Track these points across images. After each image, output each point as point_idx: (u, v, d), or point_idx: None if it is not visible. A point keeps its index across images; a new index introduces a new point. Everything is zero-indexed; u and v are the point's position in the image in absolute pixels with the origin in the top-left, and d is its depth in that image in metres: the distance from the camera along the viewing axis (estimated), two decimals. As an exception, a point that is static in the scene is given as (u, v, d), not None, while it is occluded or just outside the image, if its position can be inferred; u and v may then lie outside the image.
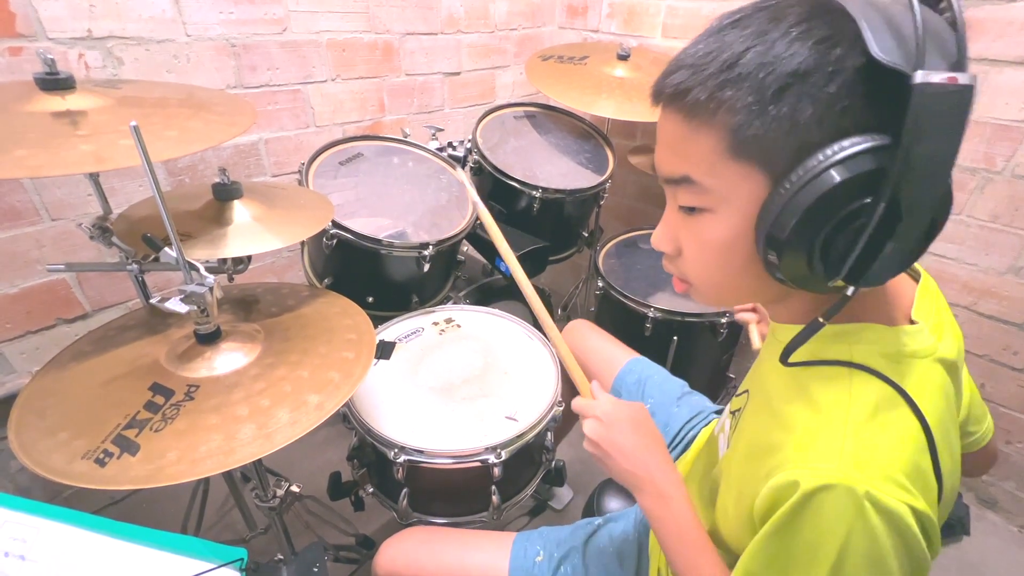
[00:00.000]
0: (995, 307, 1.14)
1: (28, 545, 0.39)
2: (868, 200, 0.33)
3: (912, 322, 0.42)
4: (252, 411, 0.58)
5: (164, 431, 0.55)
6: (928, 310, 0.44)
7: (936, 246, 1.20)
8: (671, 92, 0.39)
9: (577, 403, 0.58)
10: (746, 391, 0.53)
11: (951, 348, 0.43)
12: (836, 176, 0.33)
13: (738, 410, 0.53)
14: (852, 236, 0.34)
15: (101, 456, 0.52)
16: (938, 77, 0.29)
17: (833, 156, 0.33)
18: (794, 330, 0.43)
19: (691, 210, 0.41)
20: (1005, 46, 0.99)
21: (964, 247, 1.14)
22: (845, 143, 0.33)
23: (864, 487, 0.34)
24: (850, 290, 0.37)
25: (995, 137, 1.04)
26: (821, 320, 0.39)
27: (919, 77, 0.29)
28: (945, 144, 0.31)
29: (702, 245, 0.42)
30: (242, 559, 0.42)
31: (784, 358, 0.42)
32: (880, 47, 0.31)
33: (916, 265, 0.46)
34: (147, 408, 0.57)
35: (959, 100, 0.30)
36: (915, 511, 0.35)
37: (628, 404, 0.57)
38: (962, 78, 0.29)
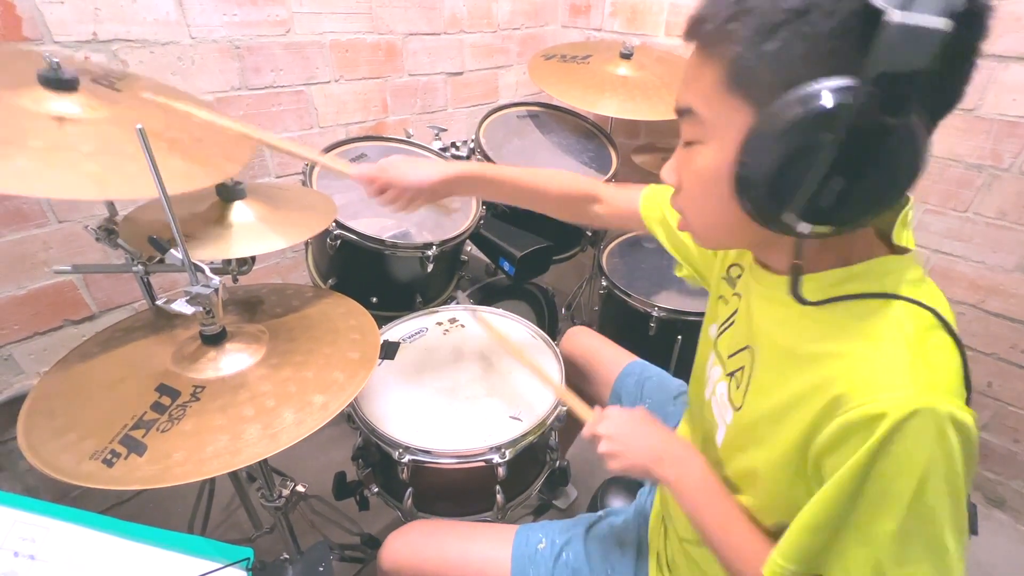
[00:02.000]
0: (1003, 305, 1.13)
1: (37, 545, 0.40)
2: (828, 136, 0.33)
3: (906, 250, 0.43)
4: (258, 411, 0.58)
5: (171, 431, 0.55)
6: (907, 237, 0.44)
7: (942, 243, 1.20)
8: (690, 23, 0.40)
9: (587, 428, 0.62)
10: (745, 347, 0.51)
11: None
12: (799, 109, 0.33)
13: (738, 370, 0.52)
14: (809, 171, 0.34)
15: (109, 456, 0.52)
16: (904, 17, 0.29)
17: (804, 92, 0.33)
18: (782, 280, 0.44)
19: (689, 144, 0.43)
20: (1012, 42, 0.98)
21: (971, 244, 1.13)
22: (823, 82, 0.33)
23: (946, 407, 0.35)
24: (805, 227, 0.37)
25: (1002, 133, 1.03)
26: (807, 233, 0.39)
27: (892, 16, 0.30)
28: (906, 87, 0.31)
29: (693, 177, 0.44)
30: (248, 558, 0.42)
31: (806, 299, 0.42)
32: None
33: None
34: (154, 409, 0.58)
35: (923, 41, 0.30)
36: (976, 421, 0.36)
37: (613, 409, 0.61)
38: (931, 21, 0.29)
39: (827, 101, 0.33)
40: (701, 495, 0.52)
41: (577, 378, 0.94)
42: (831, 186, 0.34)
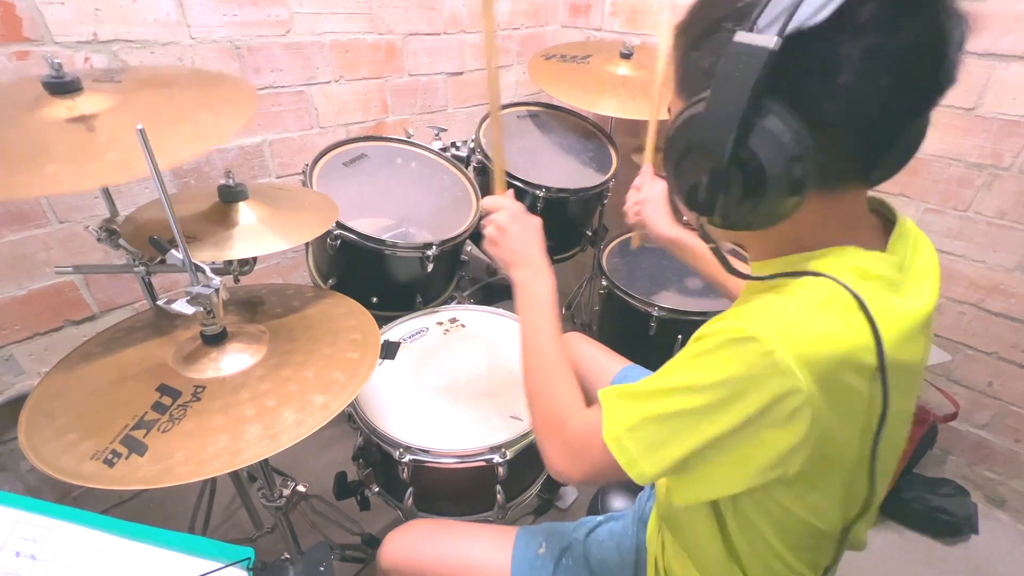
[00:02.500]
0: (1003, 304, 1.13)
1: (39, 545, 0.40)
2: (684, 144, 0.39)
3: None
4: (258, 411, 0.58)
5: (172, 431, 0.55)
6: (903, 250, 0.44)
7: (943, 243, 1.20)
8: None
9: (486, 200, 0.70)
10: None
11: (929, 296, 0.43)
12: (678, 119, 0.39)
13: None
14: (688, 171, 0.40)
15: (110, 457, 0.52)
16: (741, 36, 0.33)
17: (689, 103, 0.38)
18: (759, 267, 0.46)
19: None
20: (1013, 41, 0.98)
21: (971, 244, 1.13)
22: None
23: (778, 350, 0.35)
24: (693, 219, 0.44)
25: (1002, 133, 1.03)
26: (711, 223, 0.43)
27: (737, 36, 0.34)
28: (725, 101, 0.35)
29: None
30: (249, 558, 0.42)
31: (737, 274, 0.47)
32: (763, 17, 0.34)
33: (897, 212, 0.46)
34: (155, 409, 0.58)
35: (746, 58, 0.33)
36: (803, 393, 0.35)
37: (520, 206, 0.68)
38: (755, 39, 0.33)
39: (691, 111, 0.38)
40: (537, 311, 0.61)
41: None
42: (705, 187, 0.39)
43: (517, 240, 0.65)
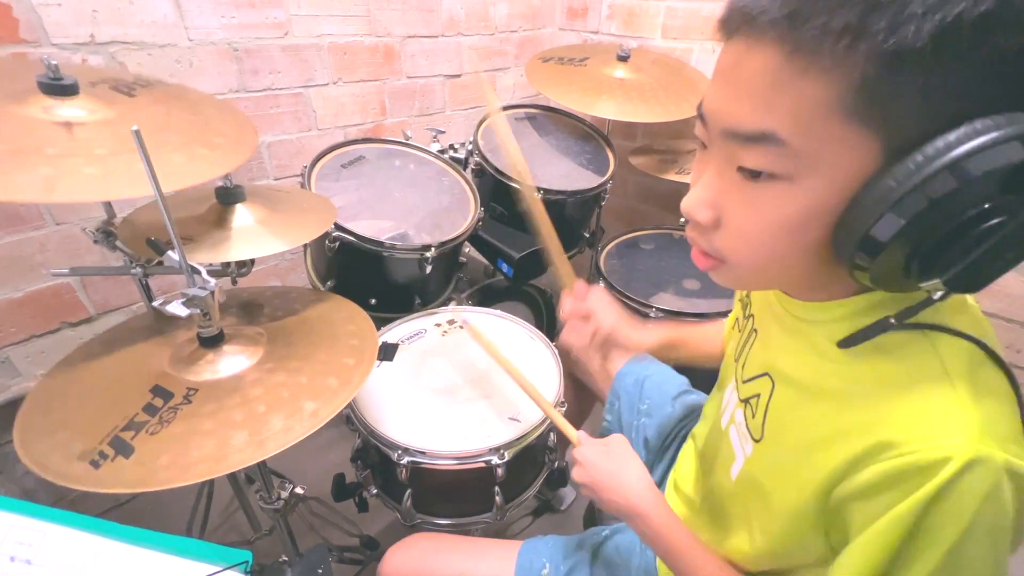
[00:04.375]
0: (1000, 305, 1.14)
1: (34, 549, 0.40)
2: (1014, 196, 0.26)
3: None
4: (247, 417, 0.57)
5: (160, 434, 0.54)
6: None
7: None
8: (780, 15, 0.28)
9: (570, 453, 0.62)
10: (763, 374, 0.47)
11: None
12: (991, 161, 0.26)
13: (754, 397, 0.47)
14: (978, 237, 0.27)
15: (96, 458, 0.51)
16: None
17: (990, 132, 0.26)
18: (831, 308, 0.39)
19: (756, 174, 0.33)
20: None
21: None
22: (1012, 117, 0.26)
23: (1002, 456, 0.30)
24: (938, 293, 0.32)
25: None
26: (893, 321, 0.34)
27: None
28: None
29: (761, 219, 0.34)
30: (247, 561, 0.42)
31: (845, 345, 0.37)
32: None
33: None
34: (145, 410, 0.57)
35: None
36: None
37: (605, 441, 0.61)
38: None
39: (1018, 151, 0.26)
40: (665, 553, 0.53)
41: (577, 368, 0.93)
42: (997, 253, 0.28)
43: (604, 487, 0.56)
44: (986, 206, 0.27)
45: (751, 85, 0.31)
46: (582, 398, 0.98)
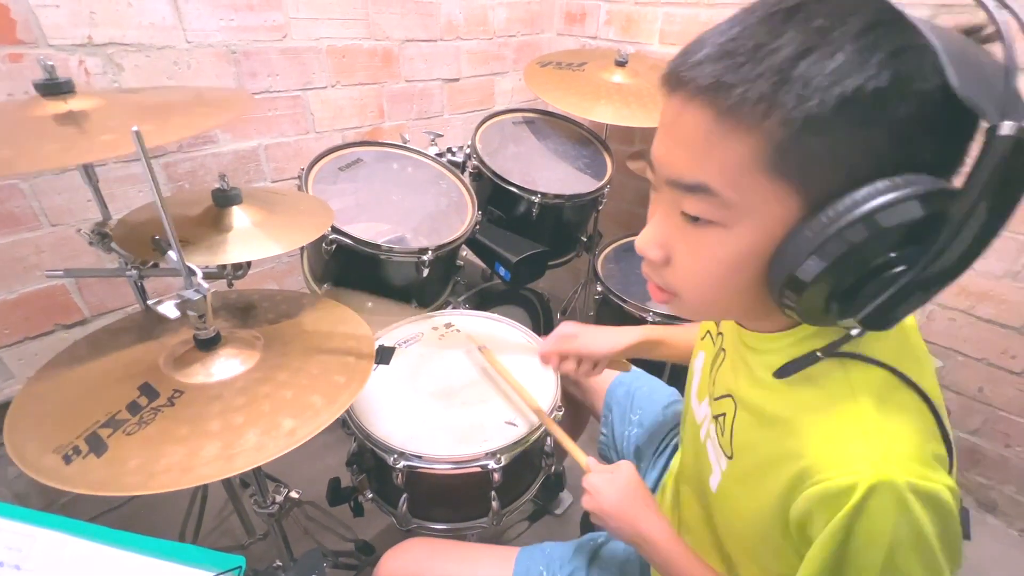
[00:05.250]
0: (993, 311, 1.14)
1: (23, 555, 0.39)
2: (914, 247, 0.30)
3: None
4: (223, 428, 0.55)
5: (136, 435, 0.53)
6: None
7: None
8: (706, 83, 0.32)
9: (583, 481, 0.63)
10: (727, 395, 0.50)
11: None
12: (893, 217, 0.30)
13: (721, 415, 0.51)
14: (885, 282, 0.32)
15: (70, 452, 0.50)
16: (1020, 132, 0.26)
17: (892, 192, 0.30)
18: (772, 339, 0.43)
19: (696, 219, 0.37)
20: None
21: (962, 251, 1.14)
22: (909, 179, 0.30)
23: (904, 477, 0.33)
24: (855, 331, 0.36)
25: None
26: (819, 355, 0.38)
27: (1007, 128, 0.26)
28: (1015, 201, 0.29)
29: (702, 259, 0.38)
30: (240, 567, 0.41)
31: (780, 375, 0.41)
32: (960, 81, 0.28)
33: None
34: (128, 408, 0.56)
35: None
36: (950, 490, 0.34)
37: (613, 467, 0.62)
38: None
39: (915, 209, 0.29)
40: (677, 568, 0.53)
41: (571, 385, 0.94)
42: (903, 295, 0.31)
43: (613, 516, 0.58)
44: (891, 255, 0.31)
45: (687, 140, 0.35)
46: (577, 413, 0.98)
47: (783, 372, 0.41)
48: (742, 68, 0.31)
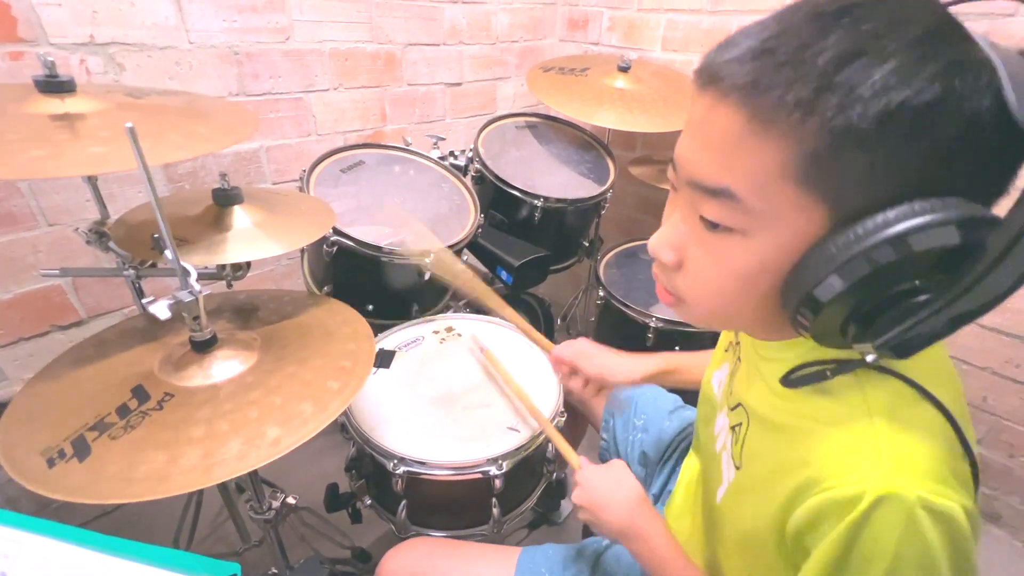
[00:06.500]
0: (998, 320, 1.14)
1: (11, 561, 0.38)
2: (944, 276, 0.28)
3: None
4: (206, 434, 0.53)
5: (120, 440, 0.51)
6: None
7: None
8: (741, 82, 0.30)
9: (575, 475, 0.63)
10: (739, 404, 0.49)
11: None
12: (927, 241, 0.27)
13: (737, 425, 0.49)
14: (909, 310, 0.29)
15: (55, 455, 0.48)
16: None
17: (929, 215, 0.27)
18: (784, 347, 0.42)
19: (715, 225, 0.35)
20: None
21: (965, 259, 1.14)
22: (948, 202, 0.27)
23: (914, 492, 0.31)
24: (870, 357, 0.34)
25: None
26: (829, 374, 0.37)
27: None
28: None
29: (716, 268, 0.37)
30: (235, 575, 0.40)
31: (786, 384, 0.40)
32: (1020, 103, 0.26)
33: None
34: (118, 411, 0.54)
35: None
36: (966, 510, 0.32)
37: (606, 466, 0.62)
38: None
39: (952, 235, 0.27)
40: (665, 565, 0.53)
41: (569, 392, 0.92)
42: (926, 323, 0.29)
43: (603, 510, 0.57)
44: (918, 282, 0.29)
45: (715, 142, 0.33)
46: (576, 422, 0.97)
47: (789, 381, 0.39)
48: (782, 69, 0.29)
